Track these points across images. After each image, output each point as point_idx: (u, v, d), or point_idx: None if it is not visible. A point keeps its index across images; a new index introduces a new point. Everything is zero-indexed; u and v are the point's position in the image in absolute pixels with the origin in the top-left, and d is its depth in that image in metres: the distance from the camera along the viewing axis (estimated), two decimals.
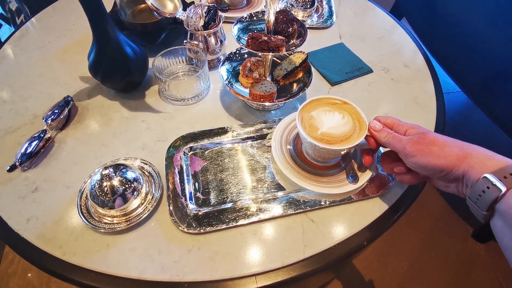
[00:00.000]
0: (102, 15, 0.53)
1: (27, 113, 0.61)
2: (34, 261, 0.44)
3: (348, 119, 0.48)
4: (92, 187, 0.45)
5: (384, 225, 0.48)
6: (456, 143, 0.38)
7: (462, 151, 0.37)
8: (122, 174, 0.46)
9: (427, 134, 0.40)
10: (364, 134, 0.45)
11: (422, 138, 0.39)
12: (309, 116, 0.48)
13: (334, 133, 0.46)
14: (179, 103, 0.64)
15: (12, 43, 0.78)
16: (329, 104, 0.50)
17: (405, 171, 0.44)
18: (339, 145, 0.45)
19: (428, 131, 0.41)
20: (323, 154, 0.48)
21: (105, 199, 0.44)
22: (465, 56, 1.02)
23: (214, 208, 0.48)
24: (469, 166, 0.35)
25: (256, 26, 0.58)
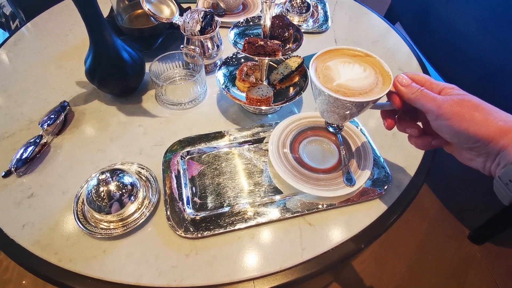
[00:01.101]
0: (99, 20, 0.53)
1: (22, 119, 0.61)
2: (30, 267, 0.44)
3: (370, 72, 0.42)
4: (88, 192, 0.45)
5: (381, 227, 0.48)
6: (502, 114, 0.33)
7: (507, 124, 0.32)
8: (119, 179, 0.46)
9: (470, 97, 0.34)
10: (388, 88, 0.39)
11: (464, 100, 0.34)
12: (325, 66, 0.43)
13: (353, 85, 0.40)
14: (176, 108, 0.64)
15: (7, 48, 0.78)
16: (349, 55, 0.44)
17: (418, 134, 0.40)
18: (357, 98, 0.39)
19: (469, 94, 0.35)
20: (338, 110, 0.41)
21: (102, 204, 0.44)
22: (457, 59, 1.03)
23: (212, 212, 0.48)
24: (510, 142, 0.31)
25: (252, 31, 0.59)
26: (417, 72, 0.72)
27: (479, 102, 0.34)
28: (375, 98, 0.38)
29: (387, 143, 0.58)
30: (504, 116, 0.33)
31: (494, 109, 0.34)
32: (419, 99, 0.36)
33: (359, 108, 0.41)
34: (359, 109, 0.41)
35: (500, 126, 0.32)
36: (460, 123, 0.33)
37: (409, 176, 0.53)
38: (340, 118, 0.44)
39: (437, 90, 0.37)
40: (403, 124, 0.41)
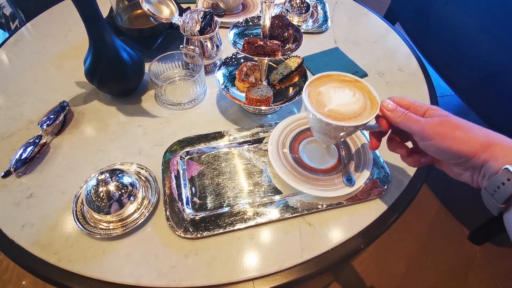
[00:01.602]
0: (98, 21, 0.53)
1: (22, 119, 0.61)
2: (29, 268, 0.43)
3: (359, 96, 0.44)
4: (88, 193, 0.44)
5: (381, 227, 0.48)
6: (481, 130, 0.36)
7: (487, 138, 0.34)
8: (118, 179, 0.46)
9: (450, 117, 0.37)
10: (375, 113, 0.41)
11: (445, 121, 0.36)
12: (317, 91, 0.45)
13: (343, 110, 0.43)
14: (176, 108, 0.64)
15: (6, 49, 0.78)
16: (340, 80, 0.47)
17: (406, 154, 0.43)
18: (347, 122, 0.41)
19: (450, 114, 0.38)
20: (330, 133, 0.44)
21: (101, 205, 0.44)
22: (457, 59, 1.03)
23: (211, 212, 0.48)
24: (491, 156, 0.33)
25: (252, 31, 0.59)
26: (416, 73, 0.72)
27: (459, 121, 0.37)
28: (363, 123, 0.41)
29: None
30: (484, 132, 0.35)
31: (474, 127, 0.36)
32: (404, 122, 0.39)
33: (349, 131, 0.44)
34: (349, 132, 0.45)
35: (481, 141, 0.34)
36: (443, 142, 0.36)
37: (409, 176, 0.53)
38: (331, 140, 0.47)
39: (421, 112, 0.40)
40: (393, 145, 0.44)
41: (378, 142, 0.45)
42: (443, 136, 0.36)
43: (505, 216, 0.33)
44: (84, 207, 0.47)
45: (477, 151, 0.34)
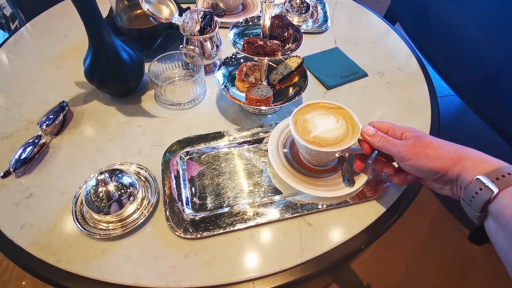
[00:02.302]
0: (98, 21, 0.53)
1: (21, 119, 0.61)
2: (29, 268, 0.43)
3: (342, 123, 0.48)
4: (87, 193, 0.44)
5: (381, 228, 0.48)
6: (451, 146, 0.38)
7: (457, 153, 0.37)
8: (118, 179, 0.46)
9: (422, 138, 0.40)
10: (355, 138, 0.45)
11: (418, 141, 0.40)
12: (303, 119, 0.49)
13: (327, 136, 0.46)
14: (175, 108, 0.64)
15: (6, 49, 0.78)
16: (325, 108, 0.50)
17: (393, 172, 0.45)
18: (330, 148, 0.45)
19: (423, 134, 0.41)
20: (316, 156, 0.48)
21: (101, 205, 0.44)
22: (457, 59, 1.03)
23: (211, 212, 0.48)
24: (463, 168, 0.36)
25: (252, 31, 0.58)
26: (416, 73, 0.72)
27: (430, 140, 0.39)
28: (345, 148, 0.44)
29: None
30: (455, 147, 0.38)
31: (444, 143, 0.39)
32: (384, 146, 0.42)
33: (333, 155, 0.48)
34: (333, 156, 0.48)
35: (452, 156, 0.37)
36: (418, 162, 0.39)
37: None
38: (318, 162, 0.51)
39: (398, 135, 0.43)
40: (380, 165, 0.47)
41: (363, 163, 0.48)
42: (418, 156, 0.39)
43: (485, 224, 0.35)
44: (84, 207, 0.47)
45: (450, 166, 0.37)
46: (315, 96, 0.67)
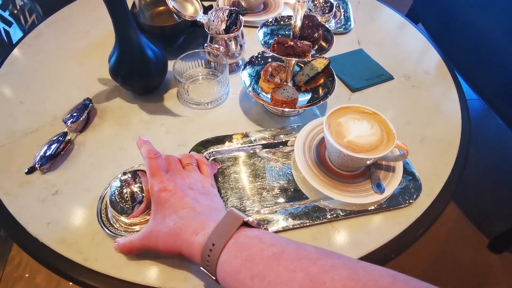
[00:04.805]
0: (126, 18, 0.53)
1: (46, 115, 0.61)
2: (54, 267, 0.43)
3: (376, 129, 0.47)
4: (112, 194, 0.44)
5: (412, 236, 0.47)
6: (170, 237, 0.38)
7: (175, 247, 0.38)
8: (142, 180, 0.45)
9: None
10: (391, 146, 0.45)
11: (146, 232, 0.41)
12: (337, 122, 0.48)
13: (360, 142, 0.46)
14: (198, 107, 0.63)
15: (27, 43, 0.78)
16: (358, 112, 0.49)
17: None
18: (364, 154, 0.44)
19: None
20: (348, 162, 0.47)
21: (125, 206, 0.43)
22: (481, 63, 1.01)
23: None
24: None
25: (283, 31, 0.58)
26: (444, 77, 0.71)
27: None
28: (380, 155, 0.44)
29: (415, 149, 0.57)
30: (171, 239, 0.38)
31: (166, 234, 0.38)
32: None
33: (365, 162, 0.47)
34: (365, 162, 0.48)
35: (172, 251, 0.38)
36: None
37: (440, 184, 0.52)
38: (348, 167, 0.50)
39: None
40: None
41: None
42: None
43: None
44: (109, 209, 0.47)
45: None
46: (340, 98, 0.66)
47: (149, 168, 0.42)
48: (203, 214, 0.38)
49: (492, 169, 1.43)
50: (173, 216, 0.38)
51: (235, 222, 0.34)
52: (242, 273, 0.31)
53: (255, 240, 0.33)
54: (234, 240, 0.33)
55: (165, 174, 0.42)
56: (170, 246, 0.37)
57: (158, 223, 0.39)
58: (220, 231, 0.34)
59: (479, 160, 1.43)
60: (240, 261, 0.31)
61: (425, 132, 0.60)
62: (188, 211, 0.38)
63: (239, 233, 0.34)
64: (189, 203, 0.39)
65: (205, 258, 0.34)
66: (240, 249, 0.32)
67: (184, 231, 0.36)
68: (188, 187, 0.41)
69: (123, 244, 0.41)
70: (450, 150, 0.57)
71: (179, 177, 0.42)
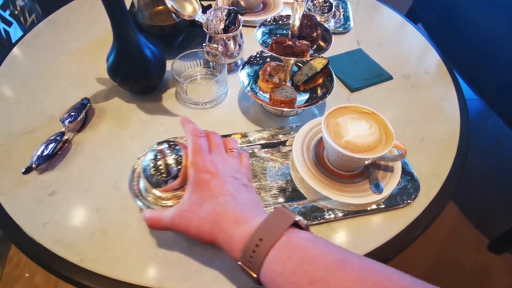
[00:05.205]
0: (124, 18, 0.52)
1: (43, 114, 0.61)
2: (50, 267, 0.43)
3: (375, 129, 0.47)
4: (146, 164, 0.41)
5: (410, 237, 0.47)
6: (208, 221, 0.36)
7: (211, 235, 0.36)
8: (177, 152, 0.42)
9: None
10: (390, 146, 0.44)
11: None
12: (335, 122, 0.48)
13: (359, 142, 0.46)
14: (197, 107, 0.63)
15: (26, 43, 0.78)
16: (357, 112, 0.49)
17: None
18: (362, 154, 0.44)
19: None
20: (346, 162, 0.47)
21: (159, 179, 0.40)
22: (483, 63, 1.01)
23: None
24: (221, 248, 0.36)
25: (281, 31, 0.57)
26: (444, 77, 0.70)
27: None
28: (378, 155, 0.44)
29: (414, 149, 0.56)
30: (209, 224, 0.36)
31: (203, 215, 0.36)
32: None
33: (363, 162, 0.47)
34: (363, 162, 0.48)
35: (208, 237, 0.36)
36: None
37: (439, 184, 0.52)
38: (346, 167, 0.50)
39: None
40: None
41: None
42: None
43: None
44: (142, 179, 0.43)
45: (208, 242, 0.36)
46: (339, 98, 0.66)
47: (192, 145, 0.40)
48: (244, 205, 0.35)
49: (492, 169, 1.43)
50: (213, 201, 0.35)
51: (286, 220, 0.31)
52: (298, 276, 0.28)
53: (310, 243, 0.30)
54: (285, 238, 0.30)
55: (207, 155, 0.39)
56: (203, 232, 0.35)
57: (195, 205, 0.36)
58: (268, 227, 0.31)
59: (479, 160, 1.43)
60: (295, 263, 0.29)
61: (424, 132, 0.60)
62: (228, 198, 0.35)
63: (290, 232, 0.31)
64: (230, 190, 0.36)
65: (248, 253, 0.31)
66: (295, 250, 0.30)
67: (225, 219, 0.34)
68: (230, 175, 0.38)
69: (150, 218, 0.39)
70: (449, 150, 0.57)
71: (222, 162, 0.39)
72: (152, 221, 0.39)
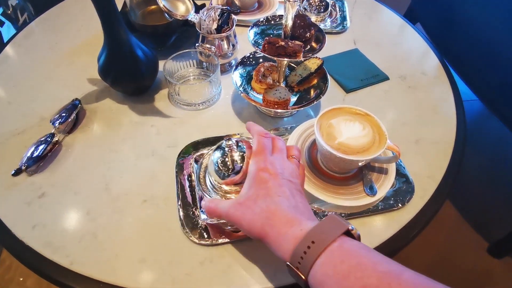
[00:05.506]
0: (115, 17, 0.53)
1: (33, 116, 0.62)
2: (40, 270, 0.44)
3: (368, 130, 0.48)
4: (216, 158, 0.43)
5: (404, 239, 0.48)
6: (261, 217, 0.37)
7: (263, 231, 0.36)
8: (241, 149, 0.44)
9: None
10: (383, 148, 0.45)
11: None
12: (328, 124, 0.49)
13: (352, 144, 0.46)
14: (190, 108, 0.64)
15: (17, 43, 0.79)
16: (351, 113, 0.50)
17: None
18: (355, 156, 0.45)
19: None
20: (339, 164, 0.48)
21: (223, 172, 0.42)
22: (483, 63, 1.02)
23: None
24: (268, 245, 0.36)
25: (271, 31, 0.58)
26: (441, 78, 0.71)
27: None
28: (372, 157, 0.45)
29: (409, 151, 0.57)
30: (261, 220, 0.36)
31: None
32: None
33: (357, 164, 0.48)
34: (356, 164, 0.49)
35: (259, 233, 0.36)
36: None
37: (434, 186, 0.53)
38: (340, 169, 0.51)
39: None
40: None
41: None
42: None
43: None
44: (208, 173, 0.45)
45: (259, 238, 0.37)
46: (334, 99, 0.67)
47: (257, 144, 0.42)
48: (297, 209, 0.37)
49: (491, 171, 1.44)
50: (268, 199, 0.37)
51: (340, 227, 0.33)
52: (351, 281, 0.29)
53: (364, 251, 0.31)
54: (338, 244, 0.31)
55: (269, 156, 0.41)
56: (255, 227, 0.36)
57: (250, 200, 0.38)
58: (321, 231, 0.32)
59: (478, 162, 1.44)
60: (348, 267, 0.30)
61: (420, 133, 0.61)
62: (283, 199, 0.37)
63: (343, 239, 0.32)
64: (286, 192, 0.38)
65: (299, 254, 0.32)
66: (348, 255, 0.30)
67: (277, 218, 0.35)
68: (287, 178, 0.40)
69: (209, 206, 0.41)
70: (445, 152, 0.58)
71: (281, 165, 0.41)
72: (210, 209, 0.41)
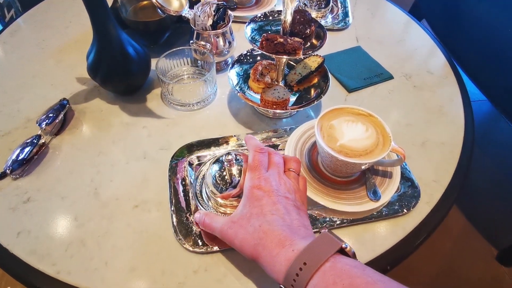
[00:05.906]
0: (104, 13, 0.53)
1: (19, 116, 0.61)
2: (25, 280, 0.44)
3: (372, 132, 0.47)
4: (214, 172, 0.46)
5: (409, 247, 0.47)
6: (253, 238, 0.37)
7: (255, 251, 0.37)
8: (238, 162, 0.46)
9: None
10: (387, 150, 0.45)
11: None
12: (329, 125, 0.48)
13: (354, 146, 0.46)
14: (183, 109, 0.64)
15: (2, 40, 0.79)
16: (353, 114, 0.50)
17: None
18: (358, 159, 0.45)
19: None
20: (341, 167, 0.48)
21: (221, 186, 0.45)
22: (491, 62, 1.02)
23: None
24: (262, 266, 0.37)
25: (269, 27, 0.58)
26: (448, 77, 0.71)
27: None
28: (375, 160, 0.44)
29: (415, 153, 0.57)
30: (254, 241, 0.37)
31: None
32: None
33: (359, 167, 0.47)
34: (359, 167, 0.48)
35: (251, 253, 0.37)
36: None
37: (440, 191, 0.52)
38: (342, 173, 0.50)
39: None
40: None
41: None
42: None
43: None
44: (205, 185, 0.48)
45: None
46: (335, 99, 0.67)
47: (252, 160, 0.43)
48: (291, 228, 0.37)
49: (501, 175, 1.43)
50: (261, 218, 0.37)
51: (333, 245, 0.33)
52: None
53: (357, 270, 0.31)
54: (330, 264, 0.31)
55: (264, 172, 0.42)
56: (247, 247, 0.37)
57: (244, 219, 0.38)
58: (314, 251, 0.32)
59: (487, 166, 1.44)
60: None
61: (426, 135, 0.61)
62: (277, 218, 0.37)
63: (336, 258, 0.32)
64: (280, 210, 0.38)
65: (291, 276, 0.32)
66: (341, 276, 0.30)
67: (269, 238, 0.35)
68: (283, 195, 0.40)
69: (204, 220, 0.42)
70: (452, 155, 0.58)
71: (277, 181, 0.41)
72: (205, 223, 0.42)
